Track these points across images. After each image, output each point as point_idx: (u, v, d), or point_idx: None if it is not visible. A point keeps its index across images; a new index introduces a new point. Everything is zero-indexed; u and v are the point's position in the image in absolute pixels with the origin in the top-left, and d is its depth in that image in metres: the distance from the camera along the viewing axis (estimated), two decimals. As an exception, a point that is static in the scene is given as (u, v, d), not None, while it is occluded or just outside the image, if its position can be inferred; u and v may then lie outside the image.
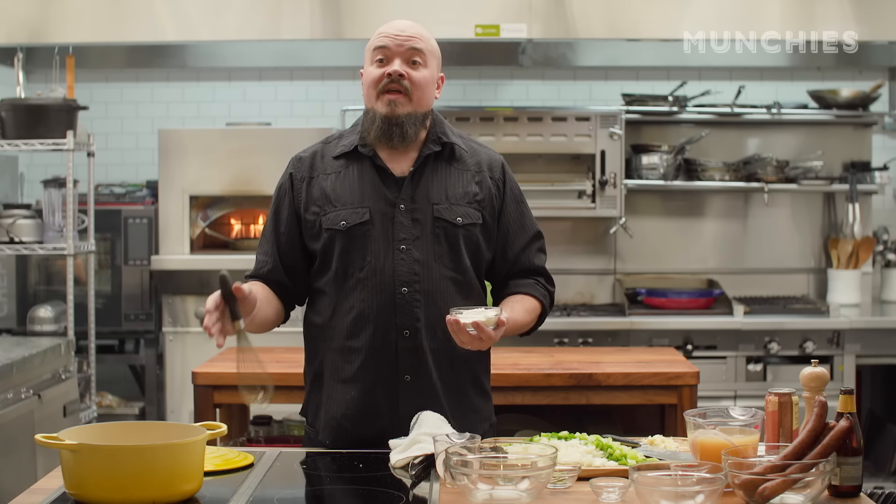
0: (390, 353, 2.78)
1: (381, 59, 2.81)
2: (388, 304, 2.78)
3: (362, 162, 2.85)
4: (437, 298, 2.80)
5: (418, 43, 2.81)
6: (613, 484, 2.26)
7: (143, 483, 2.18)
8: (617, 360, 4.15)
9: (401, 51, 2.80)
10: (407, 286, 2.78)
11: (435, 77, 2.87)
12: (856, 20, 5.03)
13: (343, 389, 2.82)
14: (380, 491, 2.38)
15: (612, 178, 5.25)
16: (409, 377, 2.79)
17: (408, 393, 2.78)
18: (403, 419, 2.71)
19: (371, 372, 2.79)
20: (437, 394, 2.80)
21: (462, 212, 2.84)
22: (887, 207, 5.81)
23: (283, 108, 5.81)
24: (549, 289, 2.96)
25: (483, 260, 2.90)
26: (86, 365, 4.94)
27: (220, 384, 3.81)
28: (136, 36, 5.16)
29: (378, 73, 2.81)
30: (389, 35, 2.81)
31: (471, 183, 2.88)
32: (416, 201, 2.82)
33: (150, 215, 5.25)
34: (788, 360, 5.07)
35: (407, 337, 2.78)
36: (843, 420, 2.26)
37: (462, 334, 2.62)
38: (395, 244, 2.79)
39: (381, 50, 2.81)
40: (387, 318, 2.78)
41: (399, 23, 2.85)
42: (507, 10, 5.02)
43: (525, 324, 2.88)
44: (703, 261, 5.70)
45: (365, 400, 2.79)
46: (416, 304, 2.78)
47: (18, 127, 4.76)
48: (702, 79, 5.68)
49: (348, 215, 2.81)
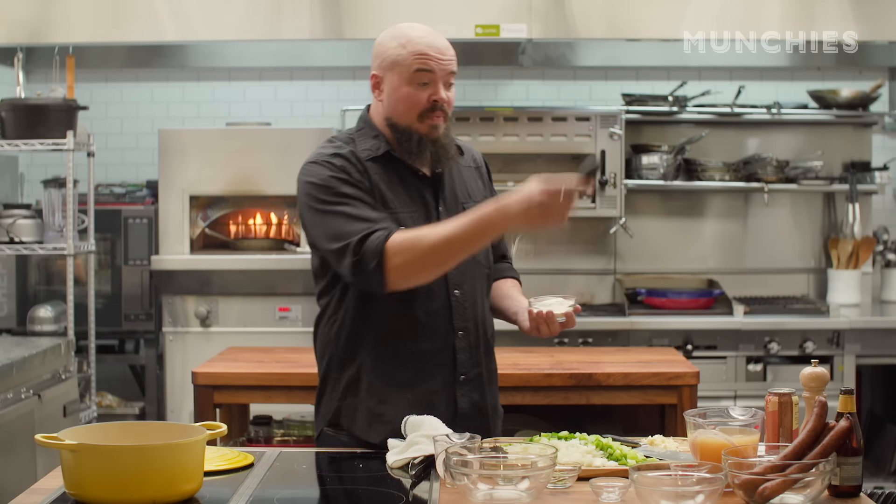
0: (449, 355, 2.83)
1: (426, 83, 2.78)
2: (444, 306, 2.82)
3: (395, 164, 2.84)
4: (478, 296, 2.89)
5: (455, 65, 2.82)
6: (613, 484, 2.26)
7: (143, 483, 2.18)
8: (617, 360, 4.15)
9: (444, 74, 2.79)
10: (458, 288, 2.83)
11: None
12: (856, 20, 5.03)
13: (398, 393, 2.80)
14: (380, 491, 2.38)
15: (612, 178, 5.25)
16: (463, 376, 2.85)
17: (463, 391, 2.84)
18: (460, 417, 2.79)
19: (430, 374, 2.82)
20: (484, 389, 2.89)
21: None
22: (887, 207, 5.81)
23: (283, 108, 5.81)
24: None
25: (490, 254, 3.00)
26: (86, 365, 4.93)
27: (220, 384, 3.81)
28: (136, 36, 5.16)
29: (423, 98, 2.78)
30: (434, 58, 2.77)
31: (477, 179, 2.99)
32: (447, 202, 2.87)
33: (150, 215, 5.25)
34: (788, 360, 5.07)
35: (462, 336, 2.83)
36: (843, 420, 2.26)
37: (552, 325, 2.73)
38: None
39: (426, 73, 2.77)
40: (445, 320, 2.82)
41: (438, 41, 2.81)
42: (507, 10, 5.02)
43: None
44: (703, 261, 5.70)
45: (424, 402, 2.79)
46: (467, 305, 2.85)
47: (18, 127, 4.76)
48: (702, 79, 5.68)
49: (405, 218, 2.78)
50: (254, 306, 5.09)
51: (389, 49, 2.80)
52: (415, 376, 2.81)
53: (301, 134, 5.22)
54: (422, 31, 2.82)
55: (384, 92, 2.83)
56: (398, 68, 2.78)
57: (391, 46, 2.80)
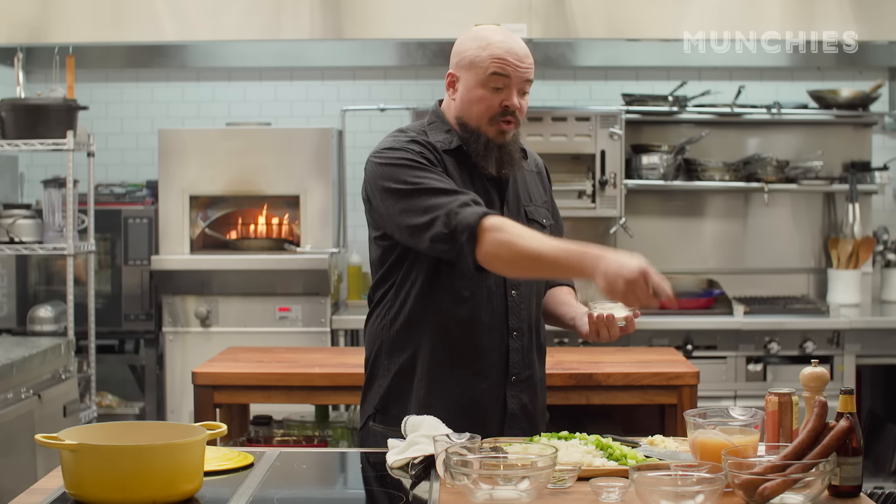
0: (502, 353, 2.84)
1: (500, 88, 2.77)
2: (501, 305, 2.83)
3: (464, 159, 2.84)
4: (535, 299, 2.91)
5: (532, 73, 2.80)
6: (613, 484, 2.26)
7: (143, 483, 2.18)
8: (617, 360, 4.14)
9: (519, 82, 2.78)
10: (515, 288, 2.85)
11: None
12: (856, 20, 5.03)
13: (448, 386, 2.81)
14: (380, 491, 2.38)
15: (612, 178, 5.25)
16: (514, 377, 2.86)
17: (513, 391, 2.85)
18: (509, 418, 2.81)
19: (482, 370, 2.83)
20: (536, 391, 2.91)
21: (544, 213, 2.96)
22: (887, 207, 5.81)
23: (283, 108, 5.81)
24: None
25: None
26: (86, 365, 4.93)
27: (220, 384, 3.81)
28: (136, 36, 5.16)
29: (495, 103, 2.78)
30: (511, 64, 2.76)
31: (538, 184, 3.02)
32: (510, 203, 2.88)
33: (150, 215, 5.25)
34: (788, 360, 5.07)
35: (516, 337, 2.85)
36: (843, 420, 2.26)
37: (613, 328, 2.76)
38: None
39: (501, 78, 2.76)
40: (500, 319, 2.83)
41: (517, 46, 2.79)
42: (507, 10, 5.02)
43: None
44: (703, 261, 5.70)
45: (471, 399, 2.81)
46: (524, 306, 2.86)
47: (18, 127, 4.76)
48: (702, 79, 5.68)
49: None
50: (254, 306, 5.09)
51: (469, 49, 2.80)
52: (467, 372, 2.82)
53: (301, 134, 5.22)
54: (503, 35, 2.81)
55: (458, 91, 2.83)
56: (475, 69, 2.78)
57: (471, 47, 2.80)
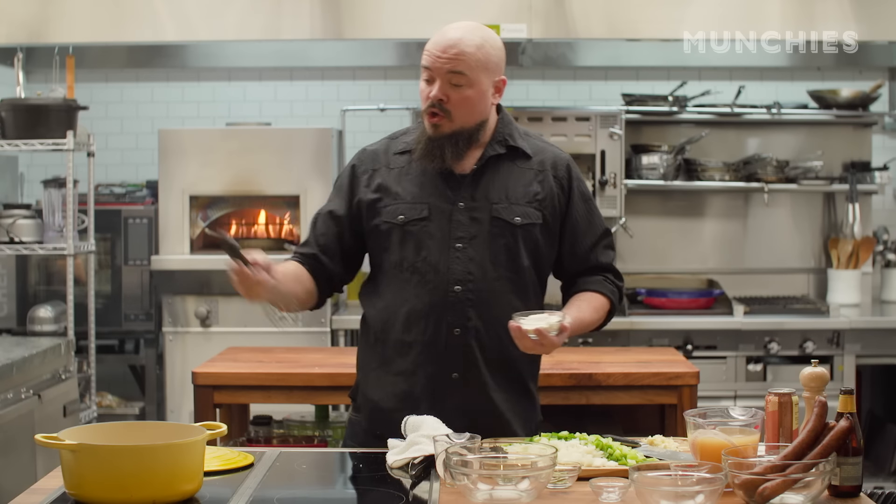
0: (440, 350, 2.82)
1: (428, 80, 2.79)
2: (440, 301, 2.81)
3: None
4: (490, 298, 2.83)
5: (459, 65, 2.75)
6: (613, 484, 2.26)
7: (143, 483, 2.18)
8: (617, 360, 4.14)
9: (442, 73, 2.76)
10: (460, 284, 2.81)
11: (486, 88, 2.80)
12: (856, 20, 5.03)
13: (393, 381, 2.85)
14: (380, 491, 2.38)
15: (612, 178, 5.25)
16: (456, 374, 2.82)
17: (455, 390, 2.82)
18: (451, 415, 2.73)
19: (420, 366, 2.83)
20: (486, 392, 2.84)
21: (521, 211, 2.85)
22: (887, 207, 5.81)
23: (283, 108, 5.81)
24: (617, 284, 2.98)
25: (545, 259, 2.91)
26: (86, 365, 4.93)
27: (220, 384, 3.81)
28: (136, 36, 5.16)
29: (424, 93, 2.80)
30: (432, 54, 2.77)
31: (533, 182, 2.88)
32: (476, 200, 2.84)
33: (150, 215, 5.25)
34: (788, 360, 5.07)
35: (457, 335, 2.81)
36: (843, 420, 2.26)
37: (525, 340, 2.65)
38: (452, 242, 2.81)
39: (426, 70, 2.79)
40: (438, 314, 2.81)
41: (447, 35, 2.78)
42: (507, 10, 5.02)
43: (593, 321, 2.90)
44: (703, 261, 5.70)
45: (412, 393, 2.82)
46: (469, 303, 2.81)
47: (18, 127, 4.76)
48: (702, 79, 5.68)
49: (407, 210, 2.82)
50: (254, 306, 5.08)
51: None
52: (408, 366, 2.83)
53: (301, 134, 5.21)
54: (447, 28, 2.82)
55: None
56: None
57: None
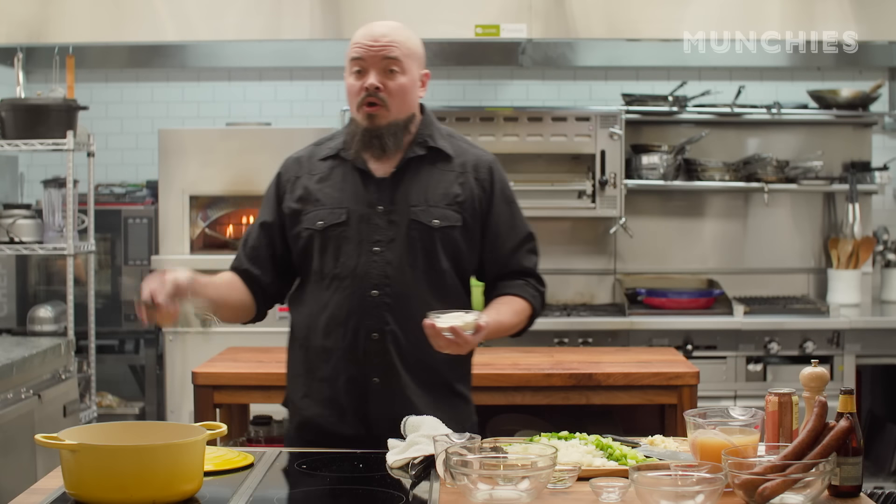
0: (359, 356, 2.79)
1: (359, 71, 2.78)
2: (358, 305, 2.78)
3: (346, 164, 2.86)
4: (409, 302, 2.78)
5: (393, 51, 2.77)
6: (613, 484, 2.26)
7: (143, 483, 2.18)
8: (617, 360, 4.15)
9: (376, 61, 2.76)
10: (377, 289, 2.78)
11: (416, 79, 2.83)
12: (856, 20, 5.03)
13: (318, 388, 2.84)
14: (380, 491, 2.38)
15: (612, 178, 5.25)
16: (377, 380, 2.79)
17: (377, 396, 2.79)
18: (374, 422, 2.75)
19: (342, 373, 2.80)
20: (407, 397, 2.79)
21: (440, 214, 2.82)
22: (887, 207, 5.81)
23: (283, 108, 5.81)
24: (539, 289, 2.94)
25: (466, 261, 2.88)
26: (86, 365, 4.94)
27: (220, 384, 3.82)
28: (136, 36, 5.16)
29: (356, 86, 2.79)
30: (364, 45, 2.78)
31: (453, 184, 2.86)
32: (395, 203, 2.82)
33: (150, 215, 5.25)
34: (788, 360, 5.07)
35: (375, 340, 2.78)
36: (843, 420, 2.26)
37: (439, 339, 2.61)
38: (369, 246, 2.80)
39: (357, 61, 2.78)
40: (357, 320, 2.79)
41: (375, 28, 2.80)
42: (507, 10, 5.02)
43: (513, 325, 2.87)
44: (703, 261, 5.70)
45: (336, 400, 2.81)
46: (386, 307, 2.78)
47: (18, 127, 4.76)
48: (702, 79, 5.68)
49: (326, 215, 2.83)
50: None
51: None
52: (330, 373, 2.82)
53: (301, 134, 5.19)
54: (373, 23, 2.83)
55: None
56: (346, 62, 2.83)
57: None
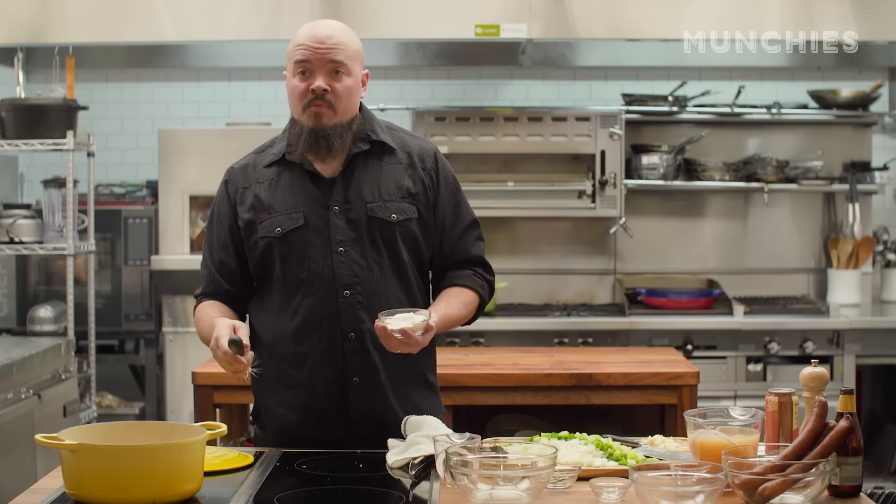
0: (337, 358, 2.77)
1: (304, 72, 2.76)
2: (331, 308, 2.76)
3: (293, 168, 2.83)
4: (380, 298, 2.78)
5: (339, 54, 2.75)
6: (613, 484, 2.26)
7: (143, 483, 2.18)
8: (617, 360, 4.15)
9: (322, 63, 2.74)
10: (349, 289, 2.77)
11: (360, 80, 2.82)
12: (856, 20, 5.03)
13: (292, 395, 2.80)
14: (380, 491, 2.38)
15: (612, 178, 5.25)
16: (357, 379, 2.78)
17: (357, 395, 2.78)
18: (355, 421, 2.75)
19: (319, 376, 2.78)
20: (385, 393, 2.79)
21: (396, 208, 2.81)
22: (887, 207, 5.81)
23: (283, 108, 5.72)
24: (487, 278, 2.93)
25: (424, 254, 2.88)
26: (86, 365, 4.94)
27: (220, 384, 3.82)
28: (136, 36, 5.16)
29: (301, 88, 2.76)
30: (309, 47, 2.75)
31: (403, 177, 2.85)
32: (349, 202, 2.80)
33: (150, 215, 5.25)
34: (788, 360, 5.07)
35: (353, 340, 2.77)
36: (843, 420, 2.26)
37: (390, 340, 2.61)
38: (333, 247, 2.77)
39: (302, 63, 2.76)
40: (331, 322, 2.76)
41: (319, 30, 2.78)
42: (507, 10, 5.02)
43: (461, 317, 2.86)
44: (703, 261, 5.70)
45: (315, 404, 2.78)
46: (360, 307, 2.77)
47: (18, 127, 4.76)
48: (702, 79, 5.68)
49: (283, 221, 2.79)
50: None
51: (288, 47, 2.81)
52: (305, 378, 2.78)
53: (301, 134, 5.21)
54: (312, 24, 2.81)
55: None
56: (288, 63, 2.80)
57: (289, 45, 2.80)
